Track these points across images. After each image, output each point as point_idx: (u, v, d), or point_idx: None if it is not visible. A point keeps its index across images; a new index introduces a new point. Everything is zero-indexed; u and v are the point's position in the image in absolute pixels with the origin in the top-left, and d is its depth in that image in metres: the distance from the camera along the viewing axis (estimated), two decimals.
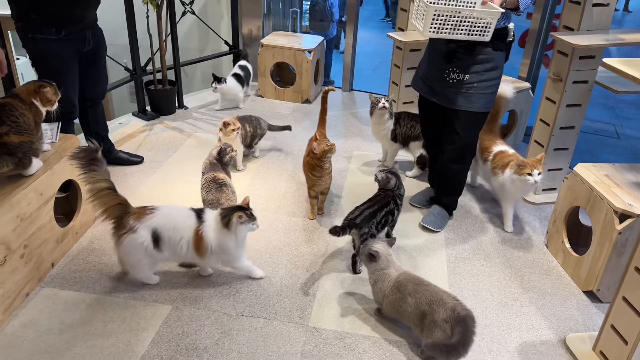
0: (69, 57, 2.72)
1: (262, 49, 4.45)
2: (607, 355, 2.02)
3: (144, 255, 2.16)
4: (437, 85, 2.59)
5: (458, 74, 2.49)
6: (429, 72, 2.64)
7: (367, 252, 2.13)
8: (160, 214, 2.17)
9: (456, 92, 2.52)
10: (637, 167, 2.58)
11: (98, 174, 2.12)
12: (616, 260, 2.30)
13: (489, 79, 2.50)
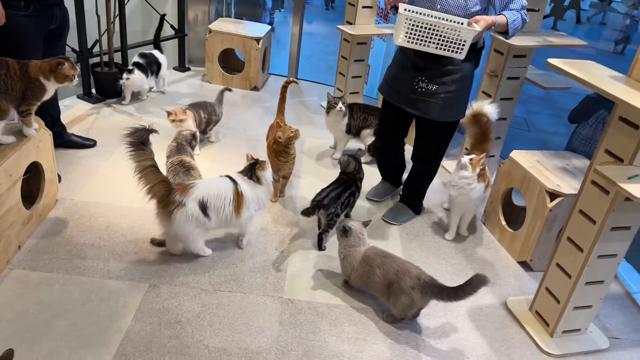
0: (35, 34, 2.67)
1: (211, 34, 4.48)
2: (541, 314, 2.36)
3: (195, 226, 2.32)
4: (405, 92, 2.64)
5: (427, 84, 2.55)
6: (397, 78, 2.69)
7: (341, 227, 2.33)
8: (200, 185, 2.35)
9: (425, 102, 2.59)
10: (561, 154, 2.96)
11: (145, 153, 2.22)
12: (547, 234, 2.65)
13: (458, 90, 2.56)
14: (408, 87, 2.64)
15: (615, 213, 1.97)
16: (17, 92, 2.26)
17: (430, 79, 2.56)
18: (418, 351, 2.15)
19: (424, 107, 2.62)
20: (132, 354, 1.95)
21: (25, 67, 2.28)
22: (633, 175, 1.79)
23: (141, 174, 2.22)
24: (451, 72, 2.55)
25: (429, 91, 2.57)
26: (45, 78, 2.31)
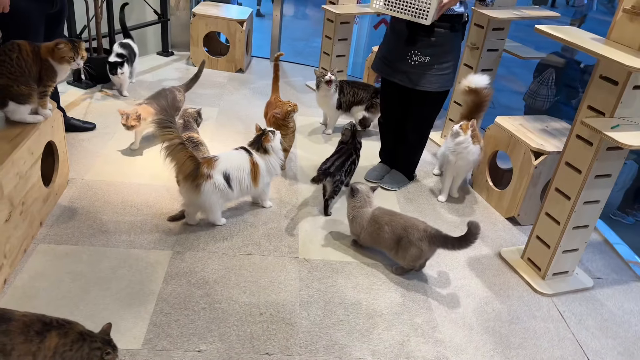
0: (37, 18, 2.72)
1: (195, 18, 4.55)
2: (533, 260, 2.61)
3: (219, 196, 2.51)
4: (399, 67, 2.81)
5: (419, 57, 2.73)
6: (390, 54, 2.86)
7: (350, 188, 2.51)
8: (222, 158, 2.53)
9: (417, 74, 2.77)
10: (540, 118, 3.21)
11: (175, 131, 2.34)
12: (532, 190, 2.90)
13: (449, 60, 2.76)
14: (402, 62, 2.82)
15: (599, 162, 2.21)
16: (34, 73, 2.33)
17: (422, 52, 2.75)
18: (427, 297, 2.36)
19: (417, 79, 2.81)
20: (168, 312, 2.09)
21: (38, 49, 2.35)
22: (615, 125, 2.03)
23: (171, 150, 2.35)
24: (441, 44, 2.74)
25: (422, 63, 2.76)
26: (50, 57, 2.36)
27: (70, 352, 1.65)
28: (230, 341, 2.00)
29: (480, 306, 2.36)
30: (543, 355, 2.14)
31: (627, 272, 2.73)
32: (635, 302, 2.51)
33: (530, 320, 2.31)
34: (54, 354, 1.62)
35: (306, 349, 2.02)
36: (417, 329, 2.19)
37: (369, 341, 2.09)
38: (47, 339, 1.62)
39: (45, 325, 1.64)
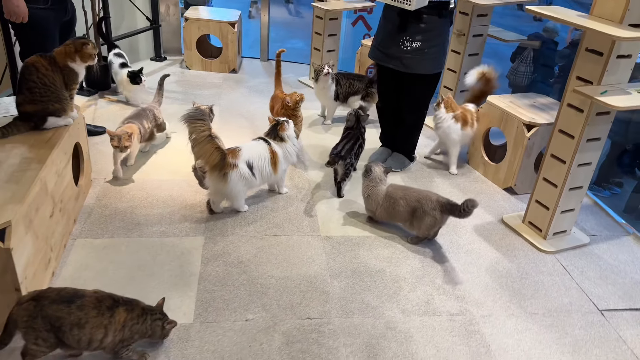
0: (53, 27, 2.84)
1: (187, 22, 4.70)
2: (534, 222, 2.84)
3: (244, 184, 2.68)
4: (393, 53, 3.01)
5: (411, 42, 2.96)
6: (384, 41, 3.06)
7: (365, 168, 2.70)
8: (245, 148, 2.70)
9: (410, 58, 2.98)
10: (527, 95, 3.47)
11: (205, 124, 2.52)
12: (526, 160, 3.15)
13: (438, 44, 2.98)
14: (396, 48, 3.03)
15: (589, 127, 2.46)
16: (59, 83, 2.44)
17: (413, 37, 2.97)
18: (442, 261, 2.58)
19: (410, 63, 3.03)
20: (211, 289, 2.26)
21: (53, 59, 2.43)
22: (604, 91, 2.28)
23: (199, 142, 2.51)
24: (431, 29, 2.97)
25: (414, 48, 2.99)
26: (72, 61, 2.46)
27: (137, 325, 1.81)
28: (272, 310, 2.18)
29: (492, 265, 2.58)
30: (553, 303, 2.37)
31: (618, 229, 2.99)
32: (628, 253, 2.77)
33: (538, 275, 2.54)
34: (122, 327, 1.78)
35: (342, 311, 2.20)
36: (439, 288, 2.39)
37: (398, 301, 2.29)
38: (117, 314, 1.77)
39: (114, 301, 1.80)
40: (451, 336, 2.14)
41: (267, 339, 2.04)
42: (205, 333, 2.04)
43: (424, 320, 2.20)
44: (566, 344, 2.15)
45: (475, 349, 2.09)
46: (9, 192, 1.98)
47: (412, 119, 3.30)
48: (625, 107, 2.20)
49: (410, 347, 2.06)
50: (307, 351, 2.00)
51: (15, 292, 1.90)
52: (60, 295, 1.76)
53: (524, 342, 2.14)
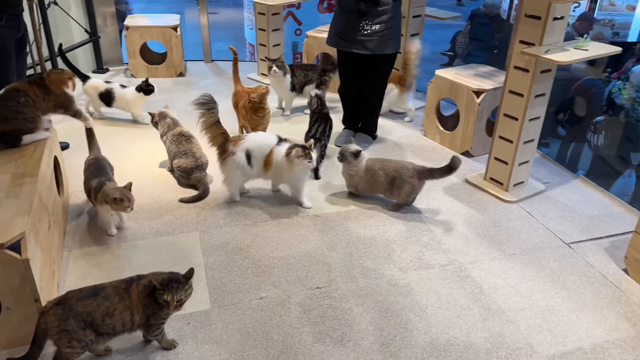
0: (9, 44, 2.80)
1: (129, 31, 4.66)
2: (495, 178, 3.13)
3: (240, 172, 2.78)
4: (355, 38, 3.21)
5: (371, 26, 3.16)
6: (345, 28, 3.26)
7: (353, 151, 2.84)
8: (249, 138, 2.79)
9: (371, 41, 3.20)
10: (471, 66, 3.77)
11: (214, 112, 2.70)
12: (478, 124, 3.44)
13: (394, 26, 3.22)
14: (357, 33, 3.22)
15: (536, 84, 2.76)
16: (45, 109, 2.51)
17: (373, 21, 3.17)
18: (424, 222, 2.80)
19: (372, 45, 3.23)
20: (219, 277, 2.35)
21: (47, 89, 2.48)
22: (546, 50, 2.58)
23: (208, 127, 2.73)
24: (387, 12, 3.19)
25: (374, 31, 3.19)
26: (67, 88, 2.56)
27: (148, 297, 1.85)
28: (282, 285, 2.31)
29: (467, 220, 2.84)
30: (527, 243, 2.66)
31: (566, 175, 3.36)
32: (579, 194, 3.12)
33: (508, 222, 2.83)
34: (138, 302, 1.83)
35: (346, 277, 2.37)
36: (426, 245, 2.62)
37: (393, 261, 2.49)
38: (132, 293, 1.83)
39: (127, 283, 1.86)
40: (447, 283, 2.36)
41: (284, 311, 2.17)
42: (225, 315, 2.14)
43: (420, 274, 2.41)
44: (545, 275, 2.44)
45: (470, 290, 2.32)
46: (13, 206, 1.99)
47: (375, 98, 3.51)
48: (567, 61, 2.51)
49: (414, 297, 2.26)
50: (324, 315, 2.15)
51: (35, 304, 1.92)
52: (83, 293, 1.80)
53: (510, 279, 2.40)
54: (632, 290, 2.36)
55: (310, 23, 6.34)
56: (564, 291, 2.34)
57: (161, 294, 1.80)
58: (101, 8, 4.90)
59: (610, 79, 5.53)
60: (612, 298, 2.31)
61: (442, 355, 1.99)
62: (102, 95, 3.83)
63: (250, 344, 2.01)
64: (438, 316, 2.17)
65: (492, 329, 2.11)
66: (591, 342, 2.07)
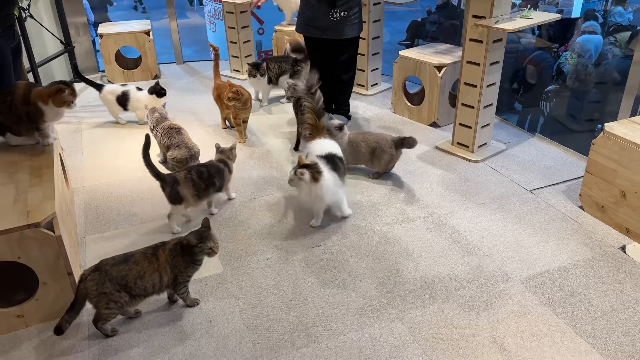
0: (8, 53, 2.96)
1: (103, 38, 4.83)
2: (461, 142, 3.48)
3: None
4: (326, 25, 3.53)
5: (339, 13, 3.48)
6: (315, 17, 3.55)
7: (337, 125, 3.12)
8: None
9: (341, 26, 3.52)
10: (430, 45, 4.12)
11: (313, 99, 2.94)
12: (442, 97, 3.78)
13: (358, 11, 3.57)
14: (327, 20, 3.52)
15: (490, 53, 3.10)
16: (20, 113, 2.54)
17: (340, 8, 3.48)
18: (402, 184, 3.12)
19: (341, 30, 3.54)
20: (226, 246, 2.60)
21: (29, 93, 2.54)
22: (496, 21, 2.92)
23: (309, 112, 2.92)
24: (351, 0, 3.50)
25: (342, 17, 3.50)
26: (44, 103, 2.54)
27: (176, 258, 2.09)
28: (285, 247, 2.58)
29: (440, 179, 3.17)
30: (494, 193, 3.00)
31: (524, 135, 3.73)
32: (537, 149, 3.50)
33: (476, 178, 3.17)
34: (166, 264, 2.07)
35: (340, 235, 2.66)
36: (407, 203, 2.93)
37: (379, 218, 2.79)
38: (160, 256, 2.07)
39: (154, 248, 2.09)
40: (429, 232, 2.68)
41: (290, 267, 2.45)
42: (238, 275, 2.40)
43: (404, 227, 2.72)
44: (513, 217, 2.78)
45: (449, 235, 2.64)
46: (39, 192, 2.20)
47: (347, 78, 3.81)
48: (515, 29, 2.86)
49: (401, 245, 2.57)
50: (326, 267, 2.44)
51: (68, 277, 2.14)
52: (116, 260, 2.03)
53: (483, 223, 2.73)
54: (588, 222, 2.73)
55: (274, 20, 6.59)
56: (530, 228, 2.68)
57: (201, 247, 2.06)
58: (73, 18, 5.05)
59: (559, 52, 6.01)
60: (571, 230, 2.67)
61: (431, 286, 2.30)
62: (119, 98, 3.97)
63: (264, 295, 2.28)
64: (424, 257, 2.48)
65: (471, 263, 2.44)
66: (556, 265, 2.42)
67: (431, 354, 1.97)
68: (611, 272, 2.37)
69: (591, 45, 4.93)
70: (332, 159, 2.72)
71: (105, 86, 4.05)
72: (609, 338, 2.02)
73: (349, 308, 2.19)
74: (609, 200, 2.66)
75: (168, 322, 2.15)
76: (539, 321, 2.11)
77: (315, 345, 2.02)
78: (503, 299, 2.22)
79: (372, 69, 4.54)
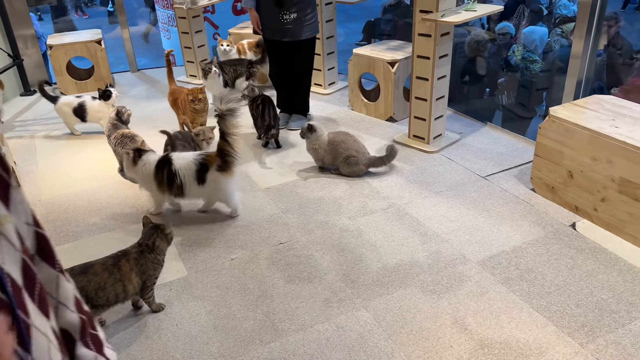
0: None
1: (53, 49, 4.73)
2: (417, 134, 3.57)
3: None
4: (277, 27, 3.56)
5: (288, 14, 3.50)
6: (268, 20, 3.58)
7: (307, 126, 3.14)
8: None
9: (292, 29, 3.54)
10: (384, 42, 4.21)
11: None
12: (397, 91, 3.87)
13: (310, 12, 3.57)
14: (277, 22, 3.55)
15: (439, 46, 3.20)
16: None
17: (290, 10, 3.51)
18: (363, 179, 3.18)
19: (292, 32, 3.57)
20: (190, 249, 2.60)
21: None
22: (442, 15, 3.02)
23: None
24: (302, 1, 3.53)
25: (292, 19, 3.53)
26: None
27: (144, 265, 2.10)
28: (249, 247, 2.60)
29: (399, 171, 3.24)
30: (450, 181, 3.10)
31: (476, 125, 3.85)
32: (489, 138, 3.62)
33: (432, 168, 3.26)
34: (131, 272, 2.07)
35: (304, 231, 2.70)
36: (368, 196, 2.99)
37: (342, 213, 2.84)
38: (122, 266, 2.06)
39: (114, 259, 2.08)
40: (390, 222, 2.74)
41: (255, 265, 2.47)
42: (202, 277, 2.41)
43: (366, 219, 2.78)
44: (468, 202, 2.88)
45: (409, 224, 2.71)
46: None
47: (303, 79, 3.84)
48: (460, 21, 2.96)
49: (364, 237, 2.63)
50: (290, 263, 2.47)
51: None
52: (74, 271, 2.01)
53: (441, 210, 2.82)
54: (540, 203, 2.85)
55: (228, 25, 6.59)
56: (485, 212, 2.78)
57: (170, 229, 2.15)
58: (20, 31, 4.93)
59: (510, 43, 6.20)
60: (524, 211, 2.78)
61: (393, 274, 2.36)
62: (75, 110, 3.90)
63: (230, 295, 2.29)
64: (386, 247, 2.54)
65: (431, 249, 2.51)
66: (511, 245, 2.52)
67: (396, 338, 2.02)
68: (563, 248, 2.48)
69: (536, 36, 5.12)
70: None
71: (60, 98, 3.97)
72: (563, 310, 2.12)
73: (315, 301, 2.23)
74: (558, 180, 2.78)
75: (134, 329, 2.14)
76: (497, 299, 2.19)
77: (283, 339, 2.05)
78: (462, 280, 2.30)
79: (328, 68, 4.60)
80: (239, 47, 4.78)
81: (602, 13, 3.24)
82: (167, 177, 2.69)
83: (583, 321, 2.07)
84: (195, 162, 2.70)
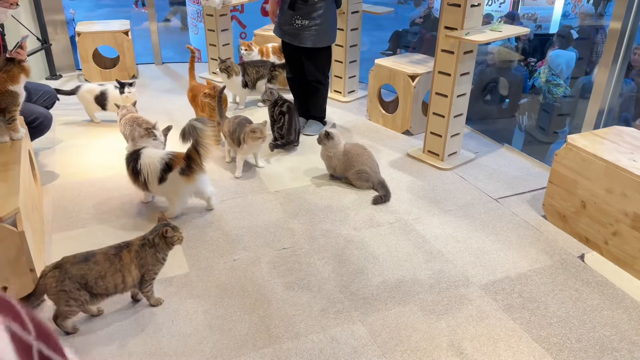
0: None
1: (81, 37, 4.81)
2: (432, 150, 3.54)
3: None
4: (288, 30, 3.59)
5: (301, 20, 3.52)
6: (282, 20, 3.61)
7: (324, 133, 3.14)
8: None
9: (300, 34, 3.55)
10: (406, 55, 4.19)
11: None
12: (415, 105, 3.85)
13: (323, 22, 3.53)
14: (289, 25, 3.58)
15: (460, 64, 3.18)
16: None
17: (302, 16, 3.53)
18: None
19: (301, 38, 3.59)
20: (194, 246, 2.61)
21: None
22: (467, 33, 2.99)
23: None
24: (316, 9, 3.53)
25: (303, 26, 3.55)
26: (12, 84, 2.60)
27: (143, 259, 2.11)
28: (252, 249, 2.60)
29: (409, 186, 3.22)
30: (460, 201, 3.06)
31: (493, 145, 3.81)
32: (504, 159, 3.58)
33: (444, 185, 3.23)
34: (131, 264, 2.08)
35: (308, 238, 2.69)
36: (376, 208, 2.97)
37: (348, 223, 2.83)
38: (123, 257, 2.08)
39: (116, 249, 2.10)
40: (395, 237, 2.72)
41: (256, 269, 2.47)
42: (203, 276, 2.41)
43: (372, 231, 2.76)
44: (477, 224, 2.84)
45: (415, 240, 2.69)
46: (4, 187, 2.19)
47: (316, 86, 3.82)
48: (484, 40, 2.93)
49: (367, 249, 2.61)
50: (292, 269, 2.46)
51: (30, 273, 2.13)
52: (77, 258, 2.03)
53: (448, 229, 2.79)
54: (550, 230, 2.80)
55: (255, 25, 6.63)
56: (493, 235, 2.75)
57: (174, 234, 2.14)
58: (51, 16, 5.02)
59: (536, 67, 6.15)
60: (533, 238, 2.74)
61: (394, 290, 2.34)
62: (97, 98, 3.94)
63: (228, 296, 2.29)
64: (388, 262, 2.52)
65: (434, 268, 2.49)
66: (517, 271, 2.48)
67: (390, 356, 2.00)
68: (569, 280, 2.44)
69: (562, 60, 5.06)
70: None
71: (82, 85, 4.03)
72: (562, 343, 2.08)
73: (312, 310, 2.22)
74: (570, 210, 2.74)
75: (130, 321, 2.15)
76: (496, 326, 2.16)
77: (277, 345, 2.04)
78: (463, 303, 2.27)
79: (349, 76, 4.59)
80: (262, 49, 4.81)
81: (631, 42, 3.18)
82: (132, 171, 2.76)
83: (582, 357, 2.02)
84: (162, 161, 2.72)
